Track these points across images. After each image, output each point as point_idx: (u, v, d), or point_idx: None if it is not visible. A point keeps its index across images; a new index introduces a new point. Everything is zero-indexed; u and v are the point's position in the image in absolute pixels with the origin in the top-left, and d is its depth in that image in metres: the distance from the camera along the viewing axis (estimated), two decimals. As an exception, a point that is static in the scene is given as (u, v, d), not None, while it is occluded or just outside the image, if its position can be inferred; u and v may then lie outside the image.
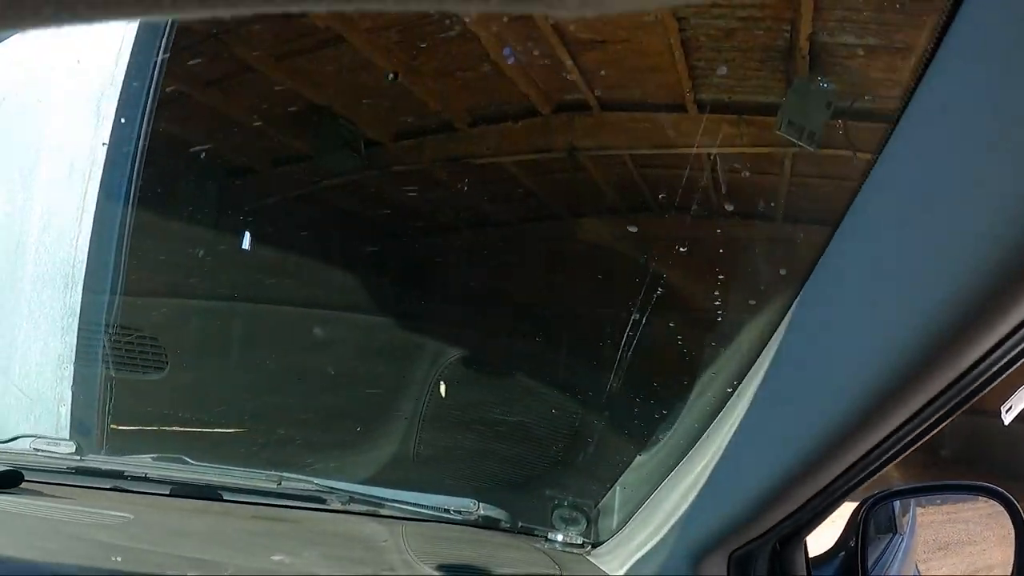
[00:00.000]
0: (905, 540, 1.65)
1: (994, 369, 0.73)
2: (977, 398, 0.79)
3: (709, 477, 1.17)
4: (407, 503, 1.92)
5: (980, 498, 1.61)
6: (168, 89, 2.57)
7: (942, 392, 0.76)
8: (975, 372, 0.73)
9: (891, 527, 1.64)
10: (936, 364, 0.71)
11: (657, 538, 1.35)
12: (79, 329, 2.44)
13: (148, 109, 2.52)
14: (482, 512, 1.90)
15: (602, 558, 1.64)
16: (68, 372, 2.42)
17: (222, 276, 3.05)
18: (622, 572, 1.50)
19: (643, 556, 1.42)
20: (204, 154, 3.15)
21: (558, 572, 1.58)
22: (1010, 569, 1.49)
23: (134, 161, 2.46)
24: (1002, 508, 1.52)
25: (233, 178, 3.60)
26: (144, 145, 2.49)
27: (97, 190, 2.48)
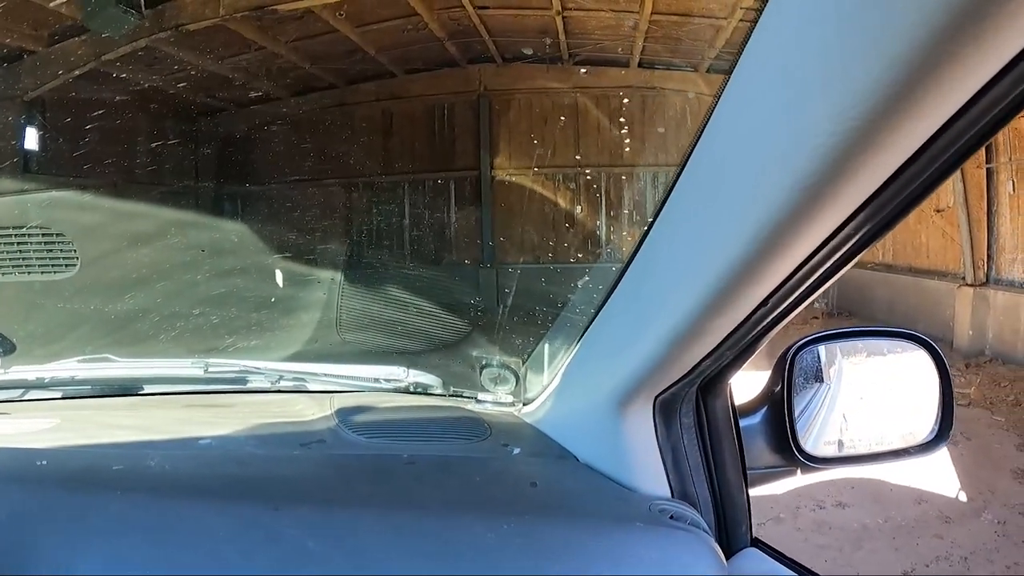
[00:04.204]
0: (832, 389, 1.80)
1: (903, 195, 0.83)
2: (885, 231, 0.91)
3: (627, 321, 1.29)
4: (336, 376, 2.11)
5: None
6: None
7: (847, 222, 0.85)
8: (877, 203, 0.83)
9: (818, 377, 1.79)
10: (837, 194, 0.80)
11: (583, 388, 1.51)
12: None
13: None
14: (412, 379, 2.08)
15: (533, 414, 1.80)
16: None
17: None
18: (551, 425, 1.68)
19: (571, 407, 1.59)
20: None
21: (486, 425, 1.75)
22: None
23: None
24: (925, 352, 1.70)
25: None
26: None
27: None
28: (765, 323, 1.11)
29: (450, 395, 2.11)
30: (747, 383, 1.58)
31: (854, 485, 6.51)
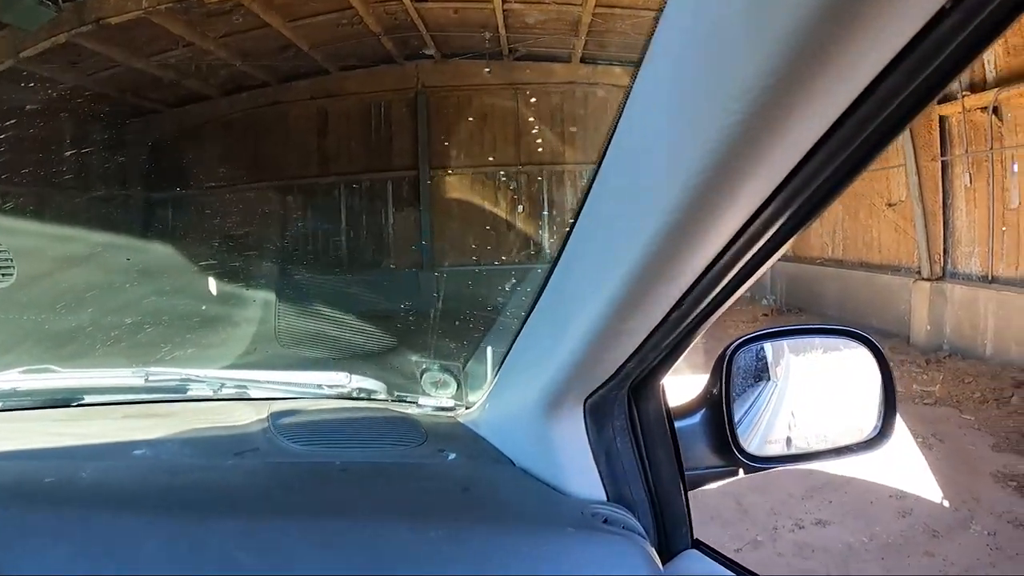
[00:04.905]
0: (780, 387, 1.86)
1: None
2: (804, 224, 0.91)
3: (552, 323, 1.32)
4: (279, 383, 2.14)
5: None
6: None
7: (752, 219, 0.88)
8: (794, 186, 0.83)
9: (765, 375, 1.85)
10: (734, 191, 0.82)
11: (516, 391, 1.53)
12: None
13: None
14: (355, 384, 2.12)
15: (472, 418, 1.84)
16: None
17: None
18: (489, 428, 1.73)
19: (506, 411, 1.63)
20: None
21: (422, 430, 1.78)
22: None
23: None
24: (866, 350, 1.75)
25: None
26: None
27: None
28: (685, 325, 1.14)
29: (393, 400, 2.14)
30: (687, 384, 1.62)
31: (831, 499, 6.41)
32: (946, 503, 6.37)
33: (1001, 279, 11.45)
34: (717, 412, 1.61)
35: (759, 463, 1.66)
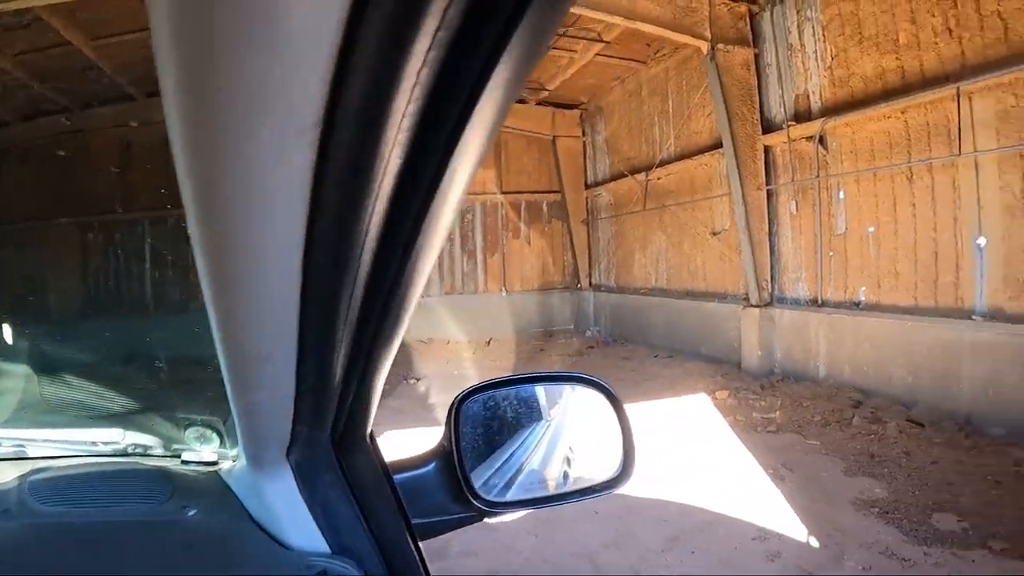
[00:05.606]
0: (552, 425, 2.01)
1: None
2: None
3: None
4: (54, 441, 2.18)
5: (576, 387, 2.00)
6: None
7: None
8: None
9: (538, 416, 1.99)
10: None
11: (243, 451, 1.60)
12: None
13: None
14: (130, 440, 2.18)
15: (230, 471, 1.89)
16: None
17: None
18: (237, 482, 1.78)
19: (240, 470, 1.72)
20: None
21: (170, 487, 1.81)
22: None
23: None
24: (600, 394, 1.91)
25: None
26: None
27: None
28: (335, 383, 1.19)
29: (169, 455, 2.18)
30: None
31: (693, 549, 6.36)
32: (813, 540, 6.39)
33: (830, 302, 12.15)
34: (449, 462, 1.74)
35: (498, 508, 1.78)
